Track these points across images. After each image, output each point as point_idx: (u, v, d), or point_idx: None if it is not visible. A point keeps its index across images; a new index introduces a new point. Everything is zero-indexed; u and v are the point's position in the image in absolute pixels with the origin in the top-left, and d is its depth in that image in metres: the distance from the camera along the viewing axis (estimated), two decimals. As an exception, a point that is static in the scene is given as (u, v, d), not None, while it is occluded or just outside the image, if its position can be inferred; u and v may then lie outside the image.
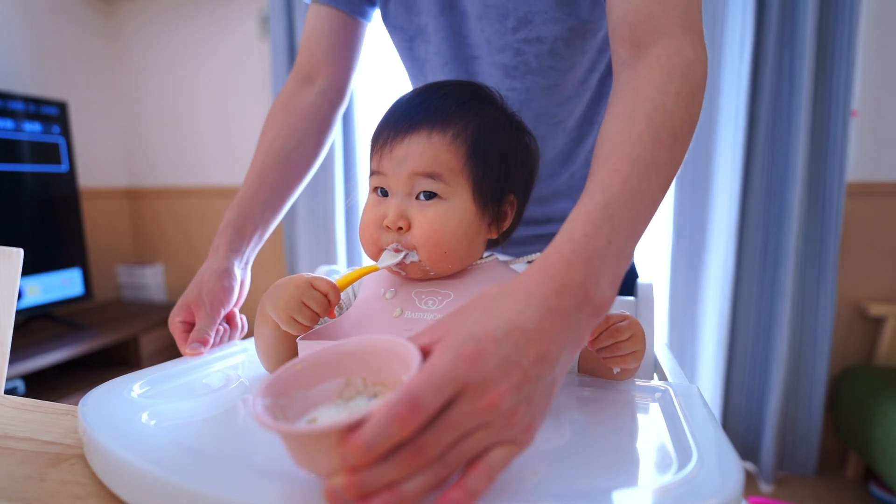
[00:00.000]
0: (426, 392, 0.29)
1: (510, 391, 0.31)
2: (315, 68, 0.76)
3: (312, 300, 0.49)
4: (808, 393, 1.70)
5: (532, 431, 0.33)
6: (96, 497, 0.35)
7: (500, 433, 0.31)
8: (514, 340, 0.33)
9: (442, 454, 0.30)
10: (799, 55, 1.56)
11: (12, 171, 1.78)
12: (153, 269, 2.42)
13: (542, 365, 0.33)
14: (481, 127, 0.54)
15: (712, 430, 0.40)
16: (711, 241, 1.75)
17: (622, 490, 0.33)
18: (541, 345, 0.33)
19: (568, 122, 0.72)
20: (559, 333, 0.35)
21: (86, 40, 2.30)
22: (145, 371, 0.53)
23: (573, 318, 0.36)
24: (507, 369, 0.32)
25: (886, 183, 1.69)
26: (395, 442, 0.28)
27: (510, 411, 0.31)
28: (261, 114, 2.23)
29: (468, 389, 0.30)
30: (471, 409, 0.30)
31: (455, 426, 0.30)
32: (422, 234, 0.51)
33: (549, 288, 0.36)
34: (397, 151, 0.52)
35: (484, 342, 0.32)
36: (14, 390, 1.65)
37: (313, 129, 0.75)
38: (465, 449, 0.31)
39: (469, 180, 0.52)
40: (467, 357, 0.31)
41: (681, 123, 0.45)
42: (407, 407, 0.28)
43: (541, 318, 0.34)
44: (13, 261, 0.68)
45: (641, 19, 0.51)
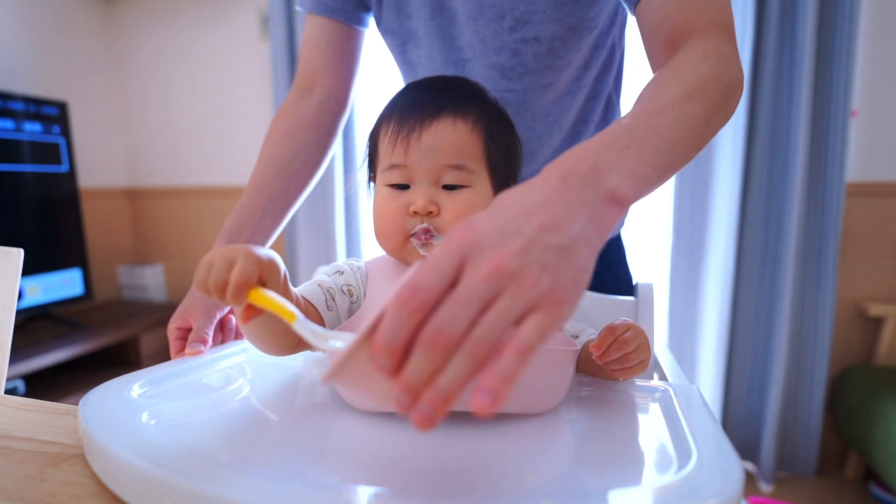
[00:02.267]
0: (424, 274, 0.29)
1: (513, 255, 0.30)
2: (315, 79, 0.76)
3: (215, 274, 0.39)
4: (808, 393, 1.70)
5: (557, 296, 0.30)
6: (96, 497, 0.35)
7: (518, 299, 0.29)
8: (511, 216, 0.32)
9: (464, 333, 0.29)
10: (799, 55, 1.56)
11: (12, 171, 1.78)
12: (153, 269, 2.42)
13: (549, 233, 0.32)
14: (490, 116, 0.55)
15: (712, 430, 0.40)
16: (711, 241, 1.75)
17: (622, 490, 0.33)
18: (545, 216, 0.32)
19: (563, 120, 0.72)
20: (566, 206, 0.33)
21: (86, 40, 2.30)
22: (145, 371, 0.53)
23: (582, 194, 0.34)
24: (504, 237, 0.31)
25: (886, 183, 1.69)
26: (409, 330, 0.28)
27: (519, 273, 0.30)
28: (261, 114, 2.24)
29: (467, 262, 0.30)
30: (476, 277, 0.29)
31: (466, 298, 0.29)
32: (453, 220, 0.52)
33: (553, 174, 0.36)
34: (425, 140, 0.52)
35: (478, 221, 0.32)
36: (14, 390, 1.65)
37: (314, 139, 0.75)
38: (491, 324, 0.29)
39: (487, 167, 0.54)
40: (460, 234, 0.31)
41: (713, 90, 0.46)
42: (409, 292, 0.28)
43: (543, 195, 0.34)
44: (13, 261, 0.68)
45: (677, 23, 0.52)
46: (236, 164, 2.32)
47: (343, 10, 0.73)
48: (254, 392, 0.51)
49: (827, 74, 1.58)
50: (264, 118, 2.23)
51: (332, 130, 0.77)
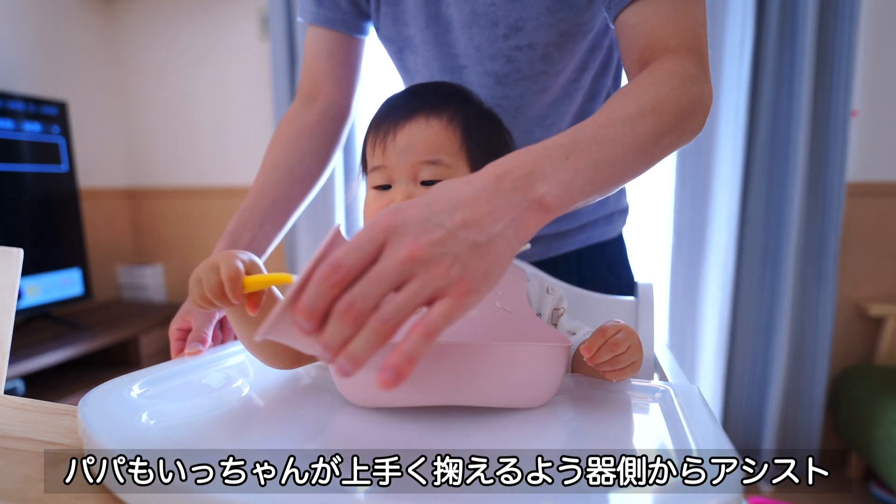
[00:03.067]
0: (346, 253, 0.32)
1: (429, 244, 0.32)
2: (317, 89, 0.77)
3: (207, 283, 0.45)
4: (808, 393, 1.70)
5: (465, 286, 0.33)
6: (96, 497, 0.35)
7: (427, 285, 0.32)
8: (437, 209, 0.34)
9: (372, 307, 0.31)
10: (799, 55, 1.56)
11: (12, 171, 1.78)
12: (153, 269, 2.42)
13: (469, 229, 0.34)
14: (470, 114, 0.57)
15: (712, 430, 0.40)
16: (711, 241, 1.75)
17: (622, 490, 0.33)
18: (470, 212, 0.34)
19: (561, 122, 0.73)
20: (493, 206, 0.35)
21: (86, 40, 2.30)
22: (145, 371, 0.52)
23: (511, 198, 0.36)
24: (425, 227, 0.33)
25: (886, 183, 1.69)
26: (327, 301, 0.31)
27: (432, 262, 0.32)
28: (261, 114, 2.24)
29: (388, 245, 0.32)
30: (392, 261, 0.32)
31: (379, 278, 0.32)
32: None
33: (490, 174, 0.37)
34: (400, 139, 0.54)
35: (405, 209, 0.34)
36: (14, 390, 1.65)
37: (317, 146, 0.76)
38: (398, 303, 0.32)
39: (467, 160, 0.55)
40: (385, 219, 0.33)
41: (669, 111, 0.47)
42: (330, 268, 0.31)
43: (473, 193, 0.36)
44: (13, 261, 0.68)
45: (650, 42, 0.54)
46: (236, 164, 2.32)
47: (343, 20, 0.74)
48: (254, 392, 0.51)
49: (827, 74, 1.58)
50: (264, 118, 2.23)
51: (334, 138, 0.78)
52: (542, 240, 0.77)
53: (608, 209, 0.79)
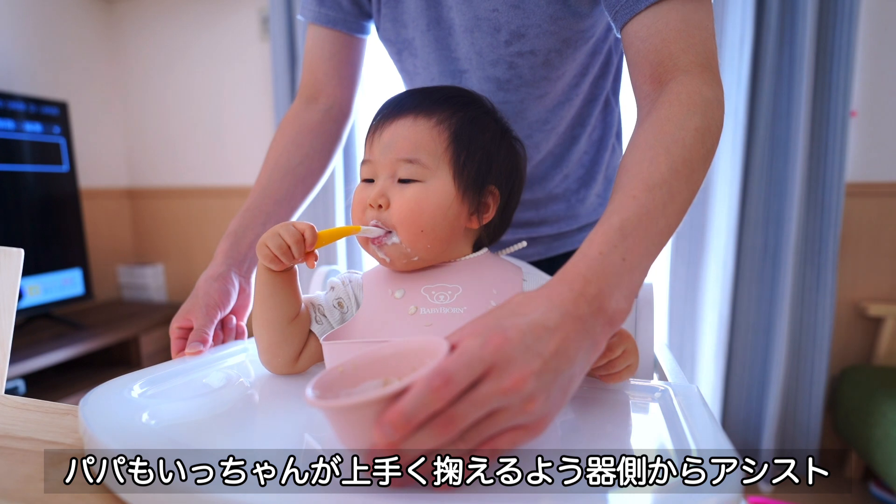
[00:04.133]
0: (457, 369, 0.32)
1: (532, 375, 0.34)
2: (319, 89, 0.77)
3: (287, 232, 0.50)
4: (807, 393, 1.70)
5: (545, 422, 0.35)
6: (96, 497, 0.35)
7: (516, 417, 0.34)
8: (537, 334, 0.35)
9: (467, 429, 0.33)
10: (798, 55, 1.56)
11: (13, 171, 1.78)
12: (153, 269, 2.42)
13: (560, 359, 0.36)
14: (466, 118, 0.56)
15: (712, 430, 0.40)
16: (711, 241, 1.75)
17: (622, 489, 0.33)
18: (560, 341, 0.36)
19: (560, 126, 0.73)
20: (576, 335, 0.37)
21: (86, 40, 2.30)
22: (145, 371, 0.53)
23: (589, 325, 0.38)
24: (528, 357, 0.34)
25: (886, 183, 1.69)
26: (430, 412, 0.31)
27: (530, 397, 0.33)
28: (261, 114, 2.24)
29: (494, 370, 0.33)
30: (496, 387, 0.33)
31: (482, 402, 0.32)
32: (399, 213, 0.54)
33: (567, 296, 0.39)
34: (385, 136, 0.55)
35: (510, 330, 0.35)
36: (14, 390, 1.65)
37: (319, 146, 0.76)
38: (484, 429, 0.33)
39: (450, 164, 0.55)
40: (493, 342, 0.34)
41: (698, 157, 0.48)
42: (441, 380, 0.32)
43: (560, 318, 0.37)
44: (13, 261, 0.68)
45: (662, 58, 0.53)
46: (236, 164, 2.32)
47: (345, 20, 0.74)
48: (254, 392, 0.51)
49: (827, 74, 1.58)
50: (264, 118, 2.23)
51: (336, 138, 0.79)
52: (541, 240, 0.77)
53: None
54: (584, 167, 0.76)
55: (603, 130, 0.77)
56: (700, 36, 0.53)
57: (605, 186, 0.79)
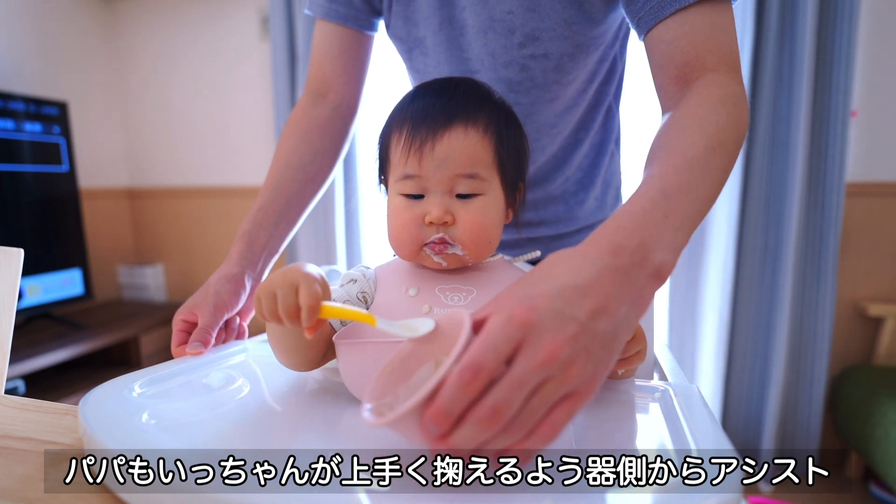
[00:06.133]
0: (484, 356, 0.32)
1: (566, 342, 0.32)
2: (327, 85, 0.77)
3: (283, 302, 0.42)
4: (807, 393, 1.70)
5: (594, 383, 0.34)
6: (96, 497, 0.35)
7: (562, 386, 0.32)
8: (568, 297, 0.34)
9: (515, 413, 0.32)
10: (798, 56, 1.56)
11: (13, 171, 1.78)
12: (153, 269, 2.42)
13: (599, 318, 0.34)
14: (500, 120, 0.55)
15: (712, 430, 0.40)
16: (711, 241, 1.75)
17: (622, 489, 0.33)
18: (597, 300, 0.34)
19: (566, 130, 0.73)
20: (617, 289, 0.35)
21: (86, 40, 2.30)
22: (145, 371, 0.53)
23: (632, 277, 0.37)
24: (561, 322, 0.33)
25: (886, 183, 1.69)
26: (466, 404, 0.31)
27: (569, 362, 0.32)
28: (261, 114, 2.24)
29: (525, 345, 0.32)
30: (531, 363, 0.32)
31: (521, 384, 0.31)
32: (467, 229, 0.52)
33: (605, 249, 0.37)
34: (439, 151, 0.51)
35: (537, 299, 0.34)
36: (14, 390, 1.65)
37: (328, 144, 0.76)
38: (534, 408, 0.32)
39: (498, 172, 0.54)
40: (519, 316, 0.33)
41: (731, 139, 0.48)
42: (471, 373, 0.31)
43: (597, 274, 0.35)
44: (13, 261, 0.68)
45: (689, 59, 0.54)
46: (236, 164, 2.32)
47: (355, 17, 0.73)
48: (254, 392, 0.51)
49: (827, 75, 1.58)
50: (264, 118, 2.23)
51: (344, 135, 0.78)
52: (540, 241, 0.77)
53: (606, 212, 0.80)
54: (584, 170, 0.77)
55: (603, 135, 0.77)
56: (725, 39, 0.54)
57: (602, 190, 0.79)
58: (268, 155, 2.24)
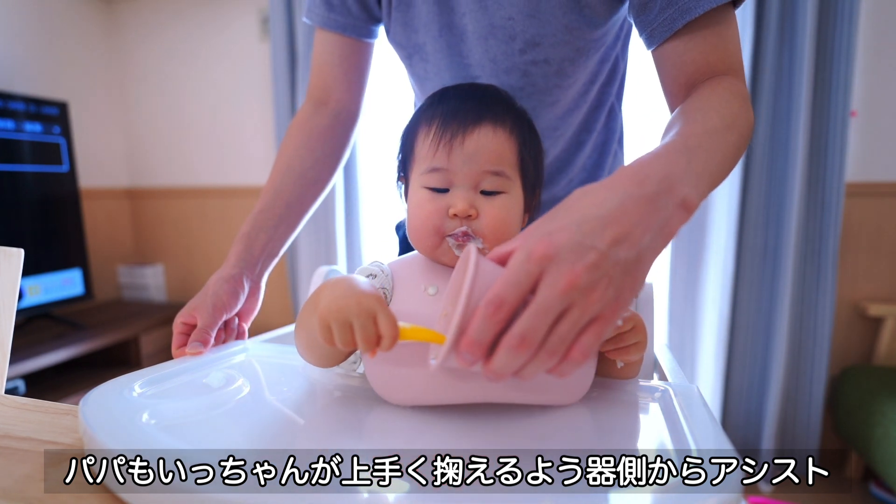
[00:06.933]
0: (505, 290, 0.34)
1: (585, 270, 0.34)
2: (328, 93, 0.77)
3: (363, 333, 0.39)
4: (807, 393, 1.70)
5: (618, 306, 0.35)
6: (96, 497, 0.35)
7: (586, 312, 0.34)
8: (588, 228, 0.35)
9: (542, 339, 0.34)
10: (798, 55, 1.56)
11: (13, 171, 1.78)
12: (153, 269, 2.42)
13: (620, 246, 0.35)
14: (524, 125, 0.57)
15: (712, 430, 0.40)
16: (711, 241, 1.75)
17: (622, 489, 0.33)
18: (619, 227, 0.36)
19: (568, 132, 0.73)
20: (641, 216, 0.36)
21: (86, 40, 2.30)
22: (145, 371, 0.53)
23: (658, 204, 0.37)
24: (580, 252, 0.34)
25: (885, 183, 1.69)
26: (495, 333, 0.34)
27: (590, 288, 0.34)
28: (261, 114, 2.24)
29: (546, 276, 0.34)
30: (552, 291, 0.34)
31: (545, 312, 0.33)
32: (491, 224, 0.53)
33: (630, 179, 0.38)
34: (468, 146, 0.52)
35: (556, 234, 0.35)
36: (15, 390, 1.65)
37: (329, 150, 0.76)
38: (563, 333, 0.34)
39: (520, 173, 0.55)
40: (539, 250, 0.34)
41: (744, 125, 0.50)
42: (494, 306, 0.33)
43: (620, 203, 0.37)
44: (13, 261, 0.68)
45: (700, 67, 0.56)
46: (236, 164, 2.32)
47: (354, 25, 0.73)
48: (254, 392, 0.51)
49: (827, 74, 1.58)
50: (264, 118, 2.23)
51: (345, 142, 0.79)
52: None
53: None
54: (587, 171, 0.77)
55: (606, 135, 0.77)
56: (733, 48, 0.57)
57: None
58: (267, 155, 2.24)
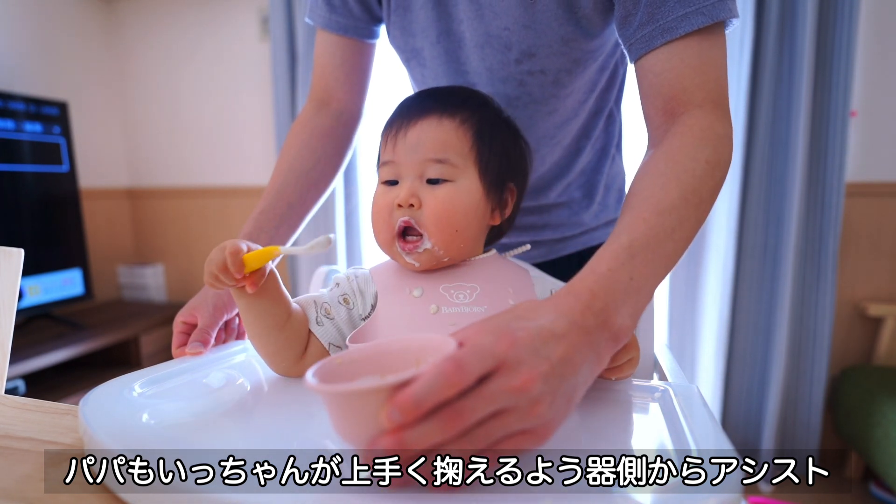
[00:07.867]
0: (470, 359, 0.32)
1: (540, 377, 0.34)
2: (330, 94, 0.77)
3: (214, 259, 0.47)
4: (807, 393, 1.70)
5: (550, 429, 0.35)
6: (96, 497, 0.35)
7: (523, 420, 0.33)
8: (545, 338, 0.36)
9: (474, 425, 0.32)
10: (798, 55, 1.56)
11: (13, 171, 1.78)
12: (153, 269, 2.42)
13: (566, 366, 0.36)
14: (484, 118, 0.57)
15: (712, 430, 0.40)
16: (711, 241, 1.75)
17: (622, 489, 0.33)
18: (567, 348, 0.36)
19: (566, 139, 0.73)
20: (581, 346, 0.38)
21: (86, 40, 2.30)
22: (145, 371, 0.53)
23: (594, 337, 0.39)
24: (537, 359, 0.35)
25: (885, 183, 1.69)
26: (440, 400, 0.31)
27: (537, 399, 0.33)
28: (261, 114, 2.24)
29: (504, 367, 0.33)
30: (505, 385, 0.33)
31: (490, 398, 0.32)
32: (432, 213, 0.53)
33: (575, 307, 0.39)
34: (410, 136, 0.54)
35: (519, 332, 0.35)
36: (15, 390, 1.65)
37: (332, 151, 0.76)
38: (492, 428, 0.33)
39: (476, 162, 0.55)
40: (505, 340, 0.34)
41: (707, 188, 0.49)
42: (454, 367, 0.31)
43: (568, 327, 0.38)
44: (14, 261, 0.68)
45: (676, 92, 0.54)
46: (237, 163, 2.32)
47: (356, 27, 0.73)
48: (254, 392, 0.51)
49: (826, 74, 1.58)
50: (264, 118, 2.23)
51: (347, 142, 0.79)
52: (544, 244, 0.77)
53: (609, 216, 0.80)
54: (586, 175, 0.77)
55: (605, 140, 0.77)
56: (714, 73, 0.54)
57: (604, 194, 0.79)
58: (267, 155, 2.24)
